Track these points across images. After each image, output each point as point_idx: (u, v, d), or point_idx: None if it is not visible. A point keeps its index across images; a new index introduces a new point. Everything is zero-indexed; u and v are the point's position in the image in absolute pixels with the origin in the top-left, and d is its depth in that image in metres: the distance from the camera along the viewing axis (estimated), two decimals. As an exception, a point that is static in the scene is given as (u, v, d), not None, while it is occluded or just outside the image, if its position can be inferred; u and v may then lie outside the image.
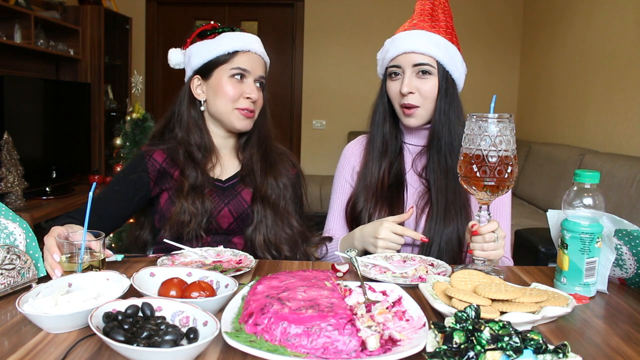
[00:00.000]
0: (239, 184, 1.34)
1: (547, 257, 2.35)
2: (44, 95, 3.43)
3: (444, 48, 1.23)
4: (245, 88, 1.30)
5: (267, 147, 1.38)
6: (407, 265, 1.07)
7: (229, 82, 1.30)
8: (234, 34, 1.32)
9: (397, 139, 1.33)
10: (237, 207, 1.30)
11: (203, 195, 1.25)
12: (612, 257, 0.94)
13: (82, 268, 0.90)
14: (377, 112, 1.34)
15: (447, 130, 1.24)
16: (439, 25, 1.26)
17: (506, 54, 4.86)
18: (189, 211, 1.22)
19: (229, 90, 1.29)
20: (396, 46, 1.25)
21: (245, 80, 1.31)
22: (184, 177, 1.27)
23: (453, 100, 1.25)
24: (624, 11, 3.13)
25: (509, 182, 0.96)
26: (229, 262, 1.08)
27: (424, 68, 1.22)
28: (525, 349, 0.60)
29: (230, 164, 1.38)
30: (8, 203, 2.78)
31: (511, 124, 0.95)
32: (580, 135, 3.63)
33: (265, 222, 1.28)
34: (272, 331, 0.67)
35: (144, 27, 5.02)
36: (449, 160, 1.25)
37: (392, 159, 1.31)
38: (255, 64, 1.33)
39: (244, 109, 1.30)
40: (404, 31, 1.27)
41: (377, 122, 1.33)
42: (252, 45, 1.33)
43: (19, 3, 3.32)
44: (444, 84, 1.23)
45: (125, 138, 2.96)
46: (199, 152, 1.31)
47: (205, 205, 1.25)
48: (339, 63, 4.99)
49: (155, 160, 1.31)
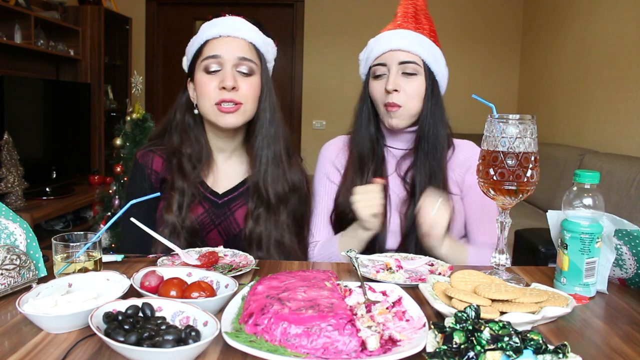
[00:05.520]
0: (235, 201, 1.25)
1: (547, 257, 2.35)
2: (44, 96, 3.43)
3: (429, 48, 1.23)
4: (221, 77, 1.15)
5: (276, 152, 1.24)
6: (415, 262, 1.08)
7: (203, 76, 1.17)
8: (206, 24, 1.20)
9: (379, 142, 1.31)
10: (227, 229, 1.23)
11: (190, 210, 1.18)
12: (612, 257, 0.94)
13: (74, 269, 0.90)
14: (361, 115, 1.31)
15: (433, 132, 1.24)
16: (423, 27, 1.27)
17: (506, 55, 4.86)
18: (176, 229, 1.16)
19: (203, 85, 1.17)
20: (381, 44, 1.24)
21: (224, 69, 1.16)
22: (172, 191, 1.19)
23: (438, 101, 1.25)
24: (624, 11, 3.13)
25: (530, 186, 0.91)
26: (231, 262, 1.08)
27: (410, 66, 1.22)
28: (525, 349, 0.60)
29: (230, 173, 1.28)
30: (8, 203, 2.78)
31: (533, 125, 0.91)
32: (580, 135, 3.63)
33: (260, 228, 1.21)
34: (272, 331, 0.67)
35: (144, 27, 5.02)
36: (433, 163, 1.24)
37: (376, 164, 1.28)
38: (230, 47, 1.17)
39: (220, 101, 1.15)
40: (388, 31, 1.27)
41: (361, 125, 1.30)
42: (222, 29, 1.18)
43: (19, 3, 3.32)
44: (430, 84, 1.23)
45: (125, 138, 2.96)
46: (189, 163, 1.22)
47: (194, 223, 1.18)
48: (339, 63, 4.98)
49: (156, 171, 1.25)
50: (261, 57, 1.23)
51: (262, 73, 1.23)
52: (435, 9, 4.43)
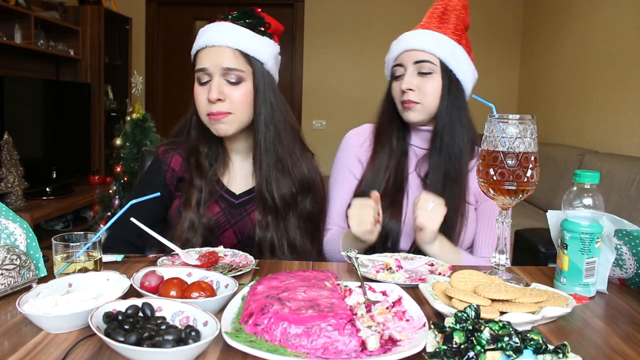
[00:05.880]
0: (251, 203, 1.25)
1: (547, 257, 2.35)
2: (44, 96, 3.43)
3: (447, 47, 1.23)
4: (209, 89, 1.16)
5: (278, 155, 1.23)
6: (415, 262, 1.08)
7: (197, 88, 1.19)
8: (200, 31, 1.21)
9: (405, 139, 1.32)
10: (242, 229, 1.24)
11: (207, 208, 1.20)
12: (612, 257, 0.94)
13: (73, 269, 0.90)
14: (384, 112, 1.34)
15: (449, 131, 1.23)
16: (447, 26, 1.26)
17: (506, 55, 4.86)
18: (194, 225, 1.18)
19: (196, 97, 1.20)
20: (399, 45, 1.27)
21: (212, 80, 1.17)
22: (191, 188, 1.21)
23: (456, 101, 1.23)
24: (624, 11, 3.13)
25: (530, 186, 0.91)
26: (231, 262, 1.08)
27: (426, 65, 1.22)
28: (525, 349, 0.60)
29: (247, 174, 1.28)
30: (8, 203, 2.78)
31: (533, 125, 0.91)
32: (580, 135, 3.63)
33: (270, 229, 1.22)
34: (272, 331, 0.67)
35: (144, 27, 5.02)
36: (449, 164, 1.23)
37: (398, 159, 1.30)
38: (215, 58, 1.16)
39: (209, 113, 1.17)
40: (408, 32, 1.28)
41: (384, 122, 1.33)
42: (207, 39, 1.17)
43: (19, 3, 3.32)
44: (447, 82, 1.23)
45: (125, 138, 2.96)
46: (206, 160, 1.24)
47: (210, 221, 1.20)
48: (339, 63, 4.99)
49: (173, 169, 1.27)
50: (252, 61, 1.19)
51: (255, 77, 1.19)
52: (435, 9, 4.41)
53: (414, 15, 4.99)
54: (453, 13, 1.29)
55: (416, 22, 1.33)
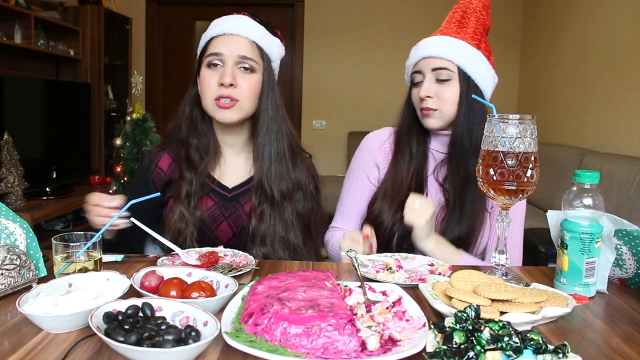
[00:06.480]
0: (244, 196, 1.27)
1: (547, 257, 2.35)
2: (44, 96, 3.43)
3: (465, 52, 1.22)
4: (221, 74, 1.18)
5: (279, 149, 1.25)
6: (415, 262, 1.08)
7: (205, 72, 1.20)
8: (214, 22, 1.24)
9: (425, 143, 1.32)
10: (237, 221, 1.25)
11: (199, 201, 1.21)
12: (612, 257, 0.94)
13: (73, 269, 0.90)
14: (404, 118, 1.34)
15: (468, 136, 1.23)
16: (466, 31, 1.26)
17: (506, 54, 4.86)
18: (185, 217, 1.18)
19: (204, 80, 1.20)
20: (417, 52, 1.27)
21: (225, 66, 1.19)
22: (181, 181, 1.22)
23: (474, 106, 1.22)
24: (624, 11, 3.13)
25: (530, 186, 0.91)
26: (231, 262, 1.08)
27: (443, 72, 1.22)
28: (525, 349, 0.60)
29: (240, 169, 1.30)
30: (8, 203, 2.78)
31: (533, 125, 0.91)
32: (580, 135, 3.63)
33: (266, 227, 1.22)
34: (272, 331, 0.67)
35: (144, 27, 5.02)
36: (469, 169, 1.22)
37: (419, 163, 1.30)
38: (232, 45, 1.19)
39: (218, 97, 1.18)
40: (426, 38, 1.28)
41: (404, 127, 1.33)
42: (226, 27, 1.21)
43: (19, 3, 3.32)
44: (465, 88, 1.22)
45: (125, 138, 2.97)
46: (196, 153, 1.24)
47: (204, 215, 1.21)
48: (339, 63, 4.99)
49: (161, 169, 1.28)
50: (264, 55, 1.24)
51: (265, 71, 1.24)
52: (435, 9, 4.41)
53: (414, 15, 5.00)
54: (473, 15, 1.27)
55: (417, 22, 1.34)
